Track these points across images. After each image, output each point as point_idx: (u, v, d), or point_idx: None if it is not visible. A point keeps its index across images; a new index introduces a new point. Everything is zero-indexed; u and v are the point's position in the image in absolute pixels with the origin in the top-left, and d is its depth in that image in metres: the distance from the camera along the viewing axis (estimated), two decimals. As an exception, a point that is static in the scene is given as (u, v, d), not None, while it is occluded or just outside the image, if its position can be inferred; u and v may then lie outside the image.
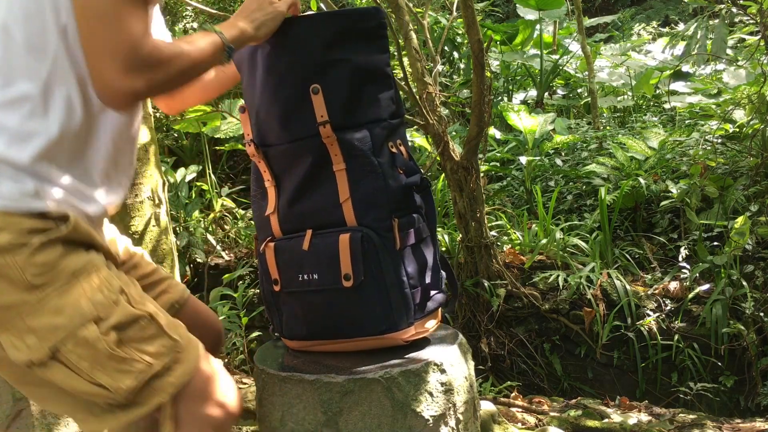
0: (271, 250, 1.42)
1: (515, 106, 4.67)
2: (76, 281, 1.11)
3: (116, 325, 1.12)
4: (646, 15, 10.57)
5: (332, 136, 1.35)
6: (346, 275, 1.34)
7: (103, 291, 1.13)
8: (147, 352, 1.14)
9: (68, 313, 1.10)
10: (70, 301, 1.10)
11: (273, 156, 1.43)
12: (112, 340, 1.11)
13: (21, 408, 1.74)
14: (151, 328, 1.16)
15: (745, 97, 3.88)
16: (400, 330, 1.37)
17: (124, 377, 1.12)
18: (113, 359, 1.11)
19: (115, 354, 1.11)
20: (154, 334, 1.16)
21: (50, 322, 1.09)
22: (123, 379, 1.12)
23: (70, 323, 1.09)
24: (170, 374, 1.16)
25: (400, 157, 1.41)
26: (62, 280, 1.11)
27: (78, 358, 1.10)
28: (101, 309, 1.12)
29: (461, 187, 3.13)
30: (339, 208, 1.37)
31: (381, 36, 1.41)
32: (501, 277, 3.20)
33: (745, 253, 3.08)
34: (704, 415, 2.56)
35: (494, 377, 3.17)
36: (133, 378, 1.12)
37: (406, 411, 1.30)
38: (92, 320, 1.11)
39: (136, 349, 1.13)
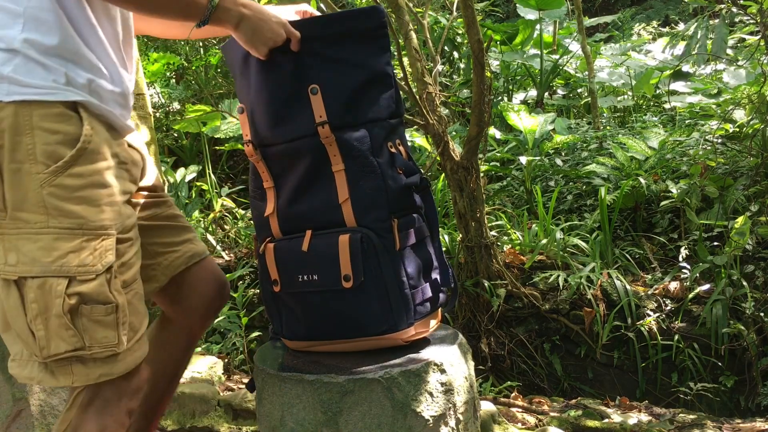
0: (271, 250, 1.42)
1: (515, 106, 4.67)
2: (79, 231, 1.13)
3: (83, 294, 1.13)
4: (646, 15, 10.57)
5: (331, 136, 1.35)
6: (346, 276, 1.34)
7: (93, 255, 1.14)
8: (90, 333, 1.14)
9: (54, 257, 1.11)
10: (63, 248, 1.12)
11: (271, 156, 1.43)
12: (69, 304, 1.12)
13: (21, 408, 1.74)
14: (109, 318, 1.15)
15: (745, 97, 3.88)
16: (400, 330, 1.37)
17: (58, 341, 1.12)
18: (59, 321, 1.12)
19: (63, 318, 1.12)
20: (108, 324, 1.15)
21: (35, 255, 1.11)
22: (55, 341, 1.12)
23: (49, 268, 1.11)
24: (93, 366, 1.16)
25: (400, 157, 1.41)
26: (69, 220, 1.13)
27: (34, 298, 1.12)
28: (80, 272, 1.13)
29: (461, 187, 3.12)
30: (338, 208, 1.36)
31: (381, 35, 1.41)
32: (501, 277, 3.20)
33: (745, 253, 3.08)
34: (704, 415, 2.56)
35: (494, 377, 3.17)
36: (64, 347, 1.13)
37: (406, 411, 1.30)
38: (67, 277, 1.12)
39: (83, 325, 1.13)
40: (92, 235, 1.14)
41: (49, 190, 1.12)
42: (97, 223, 1.15)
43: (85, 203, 1.14)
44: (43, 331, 1.12)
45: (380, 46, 1.41)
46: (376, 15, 1.40)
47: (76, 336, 1.13)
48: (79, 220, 1.13)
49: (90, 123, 1.17)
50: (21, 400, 1.73)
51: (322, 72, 1.37)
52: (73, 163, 1.13)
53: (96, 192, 1.16)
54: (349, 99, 1.37)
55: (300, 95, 1.37)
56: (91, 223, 1.15)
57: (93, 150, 1.16)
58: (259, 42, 1.33)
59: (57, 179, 1.12)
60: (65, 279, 1.12)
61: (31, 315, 1.12)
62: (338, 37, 1.38)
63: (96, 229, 1.15)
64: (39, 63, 1.13)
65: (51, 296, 1.11)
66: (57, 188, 1.12)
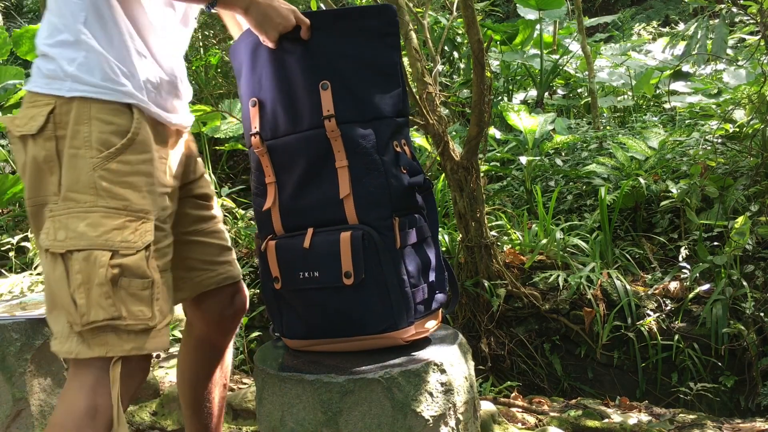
0: (272, 248, 1.42)
1: (515, 106, 4.67)
2: (123, 212, 1.25)
3: (123, 266, 1.23)
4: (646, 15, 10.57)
5: (336, 130, 1.35)
6: (347, 273, 1.34)
7: (135, 234, 1.25)
8: (127, 305, 1.23)
9: (100, 232, 1.23)
10: (108, 225, 1.23)
11: (276, 149, 1.43)
12: (112, 273, 1.21)
13: (21, 408, 1.74)
14: (145, 292, 1.25)
15: (745, 97, 3.88)
16: (400, 329, 1.37)
17: (97, 309, 1.21)
18: (100, 290, 1.21)
19: (104, 286, 1.21)
20: (143, 299, 1.25)
21: (83, 230, 1.22)
22: (95, 309, 1.21)
23: (95, 241, 1.22)
24: (126, 338, 1.24)
25: (404, 156, 1.41)
26: (115, 201, 1.25)
27: (79, 269, 1.22)
28: (123, 246, 1.23)
29: (461, 187, 3.12)
30: (340, 205, 1.37)
31: (392, 33, 1.41)
32: (501, 277, 3.20)
33: (745, 253, 3.08)
34: (704, 415, 2.56)
35: (494, 377, 3.17)
36: (102, 314, 1.21)
37: (406, 411, 1.30)
38: (111, 250, 1.22)
39: (121, 297, 1.23)
40: (134, 216, 1.26)
41: (100, 173, 1.24)
42: (139, 206, 1.27)
43: (130, 188, 1.27)
44: (85, 300, 1.21)
45: (391, 44, 1.41)
46: (387, 13, 1.40)
47: (114, 306, 1.22)
48: (125, 202, 1.26)
49: (139, 118, 1.30)
50: (21, 400, 1.73)
51: (332, 67, 1.37)
52: (123, 150, 1.27)
53: (140, 179, 1.28)
54: (357, 95, 1.37)
55: (310, 89, 1.37)
56: (134, 206, 1.26)
57: (140, 142, 1.29)
58: (269, 26, 1.36)
59: (108, 164, 1.25)
60: (109, 252, 1.22)
61: (75, 285, 1.21)
62: (349, 32, 1.38)
63: (138, 211, 1.27)
64: (95, 57, 1.27)
65: (95, 267, 1.21)
66: (107, 172, 1.25)
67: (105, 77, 1.27)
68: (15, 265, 4.19)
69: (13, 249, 4.29)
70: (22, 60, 6.28)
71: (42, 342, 1.77)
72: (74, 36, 1.27)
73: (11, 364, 1.73)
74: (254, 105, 1.45)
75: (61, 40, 1.27)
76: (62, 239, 1.23)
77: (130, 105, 1.29)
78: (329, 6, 3.22)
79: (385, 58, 1.40)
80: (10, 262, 4.22)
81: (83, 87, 1.26)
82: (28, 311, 1.82)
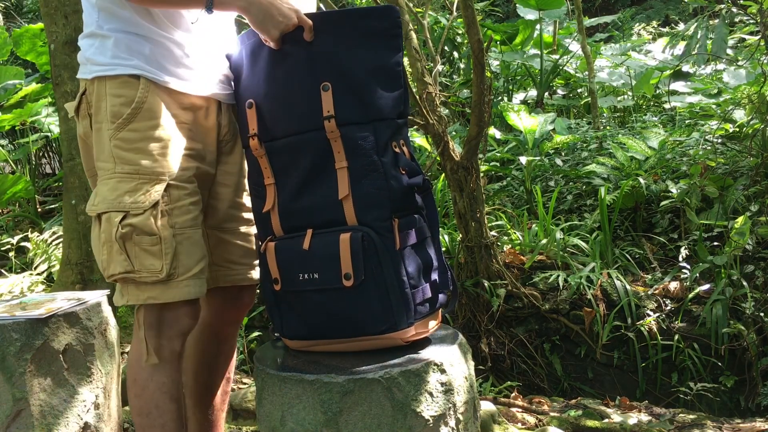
0: (272, 249, 1.42)
1: (515, 106, 4.67)
2: (136, 176, 1.38)
3: (132, 225, 1.36)
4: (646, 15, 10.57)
5: (336, 131, 1.35)
6: (347, 274, 1.34)
7: (145, 195, 1.37)
8: (140, 260, 1.37)
9: (115, 195, 1.37)
10: (122, 189, 1.38)
11: (275, 151, 1.43)
12: (122, 232, 1.36)
13: (21, 408, 1.74)
14: (155, 248, 1.37)
15: (745, 97, 3.88)
16: (400, 330, 1.37)
17: (115, 264, 1.38)
18: (115, 246, 1.37)
19: (117, 242, 1.36)
20: (153, 253, 1.37)
21: (105, 194, 1.39)
22: (113, 264, 1.39)
23: (111, 204, 1.37)
24: (144, 288, 1.39)
25: (403, 157, 1.41)
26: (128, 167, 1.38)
27: (102, 229, 1.39)
28: (133, 207, 1.36)
29: (461, 187, 3.12)
30: (340, 206, 1.36)
31: (394, 35, 1.41)
32: (501, 277, 3.20)
33: (745, 253, 3.08)
34: (704, 415, 2.56)
35: (494, 377, 3.17)
36: (118, 269, 1.38)
37: (406, 411, 1.30)
38: (123, 211, 1.36)
39: (135, 252, 1.37)
40: (146, 179, 1.38)
41: (114, 143, 1.39)
42: (149, 170, 1.38)
43: (141, 153, 1.38)
44: (106, 255, 1.39)
45: (393, 46, 1.41)
46: (390, 14, 1.40)
47: (127, 261, 1.37)
48: (135, 167, 1.38)
49: (146, 87, 1.40)
50: (21, 400, 1.73)
51: (333, 68, 1.37)
52: (131, 119, 1.38)
53: (150, 145, 1.39)
54: (358, 96, 1.37)
55: (311, 90, 1.37)
56: (144, 169, 1.38)
57: (148, 109, 1.40)
58: (270, 24, 1.37)
59: (120, 133, 1.38)
60: (121, 213, 1.36)
61: (101, 243, 1.40)
62: (352, 34, 1.38)
63: (148, 174, 1.38)
64: (107, 41, 1.40)
65: (111, 226, 1.37)
66: (120, 141, 1.39)
67: (114, 55, 1.39)
68: (15, 265, 4.19)
69: (13, 249, 4.29)
70: (22, 60, 6.28)
71: (42, 342, 1.77)
72: (92, 28, 1.43)
73: (11, 364, 1.72)
74: (251, 107, 1.45)
75: (86, 33, 1.45)
76: (95, 204, 1.40)
77: (138, 76, 1.40)
78: (329, 6, 3.22)
79: (388, 59, 1.40)
80: (10, 262, 4.22)
81: (97, 67, 1.41)
82: (28, 311, 1.82)
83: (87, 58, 1.43)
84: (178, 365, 1.46)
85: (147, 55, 1.41)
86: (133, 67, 1.40)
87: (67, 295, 2.03)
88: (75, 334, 1.85)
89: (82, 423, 1.84)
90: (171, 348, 1.43)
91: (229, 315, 1.70)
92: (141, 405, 1.43)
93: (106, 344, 1.96)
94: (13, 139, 6.04)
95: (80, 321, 1.87)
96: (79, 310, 1.87)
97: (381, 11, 1.40)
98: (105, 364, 1.94)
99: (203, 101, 1.51)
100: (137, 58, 1.40)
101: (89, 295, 2.02)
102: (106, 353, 1.96)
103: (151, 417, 1.42)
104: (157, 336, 1.42)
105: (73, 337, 1.84)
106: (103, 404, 1.93)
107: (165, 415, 1.42)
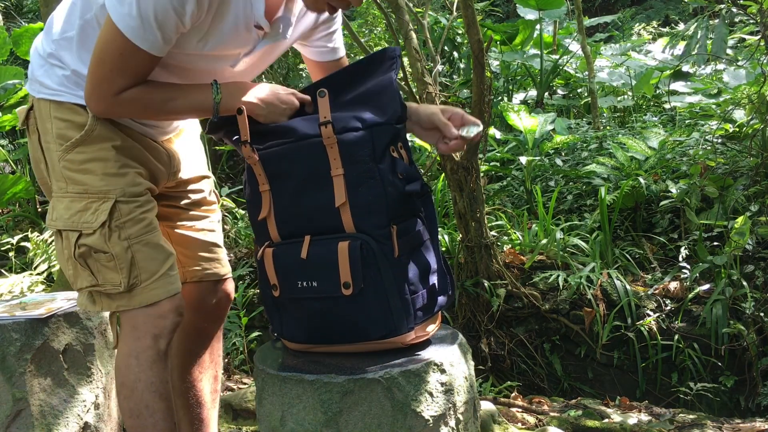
0: (269, 256, 1.41)
1: (515, 106, 4.67)
2: (85, 195, 1.42)
3: (88, 245, 1.42)
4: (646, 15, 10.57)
5: (333, 137, 1.34)
6: (346, 283, 1.33)
7: (93, 215, 1.42)
8: (102, 274, 1.43)
9: (69, 215, 1.43)
10: (75, 208, 1.43)
11: (269, 158, 1.42)
12: (80, 251, 1.42)
13: (21, 408, 1.74)
14: (111, 264, 1.42)
15: (745, 97, 3.88)
16: (401, 335, 1.37)
17: (81, 278, 1.45)
18: (77, 264, 1.44)
19: (77, 262, 1.43)
20: (111, 268, 1.42)
21: (61, 212, 1.44)
22: (80, 278, 1.45)
23: (67, 223, 1.43)
24: (115, 298, 1.44)
25: (401, 162, 1.39)
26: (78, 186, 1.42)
27: (63, 246, 1.45)
28: (84, 227, 1.42)
29: (461, 187, 3.12)
30: (337, 213, 1.35)
31: (392, 66, 1.45)
32: (501, 277, 3.20)
33: (745, 253, 3.08)
34: (704, 415, 2.56)
35: (494, 377, 3.17)
36: (85, 283, 1.45)
37: (406, 411, 1.30)
38: (77, 231, 1.42)
39: (97, 268, 1.43)
40: (94, 198, 1.42)
41: (63, 164, 1.43)
42: (97, 189, 1.42)
43: (89, 173, 1.42)
44: (72, 270, 1.46)
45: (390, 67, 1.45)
46: (387, 54, 1.46)
47: (91, 276, 1.43)
48: (84, 186, 1.42)
49: (94, 116, 1.42)
50: (21, 400, 1.73)
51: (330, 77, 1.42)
52: (78, 143, 1.42)
53: (96, 165, 1.43)
54: (355, 102, 1.37)
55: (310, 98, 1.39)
56: (93, 188, 1.42)
57: (98, 136, 1.43)
58: (276, 115, 1.45)
59: (68, 155, 1.43)
60: (77, 232, 1.42)
61: (64, 258, 1.46)
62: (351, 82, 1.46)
63: (96, 193, 1.42)
64: (57, 68, 1.43)
65: (70, 245, 1.43)
66: (68, 162, 1.43)
67: (61, 83, 1.43)
68: (15, 265, 4.19)
69: (13, 249, 4.29)
70: (22, 60, 6.28)
71: (42, 342, 1.77)
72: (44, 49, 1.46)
73: (11, 364, 1.72)
74: (240, 113, 1.42)
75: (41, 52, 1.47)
76: (54, 219, 1.46)
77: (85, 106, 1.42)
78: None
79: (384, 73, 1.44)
80: (10, 262, 4.22)
81: (45, 90, 1.44)
82: (28, 311, 1.82)
83: (35, 77, 1.46)
84: (166, 364, 1.47)
85: None
86: (80, 98, 1.41)
87: (67, 295, 2.03)
88: (75, 334, 1.85)
89: (82, 423, 1.84)
90: (157, 347, 1.44)
91: (209, 311, 1.73)
92: (131, 407, 1.44)
93: (106, 344, 1.96)
94: (13, 139, 6.04)
95: (80, 321, 1.87)
96: (79, 310, 1.87)
97: (383, 52, 1.46)
98: (105, 364, 1.94)
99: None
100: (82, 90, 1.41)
101: (89, 295, 2.01)
102: (106, 353, 1.96)
103: (141, 417, 1.44)
104: (139, 337, 1.44)
105: (73, 337, 1.84)
106: (103, 404, 1.93)
107: (156, 414, 1.43)
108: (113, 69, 1.33)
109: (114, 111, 1.41)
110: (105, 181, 1.42)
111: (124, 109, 1.40)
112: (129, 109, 1.41)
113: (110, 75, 1.34)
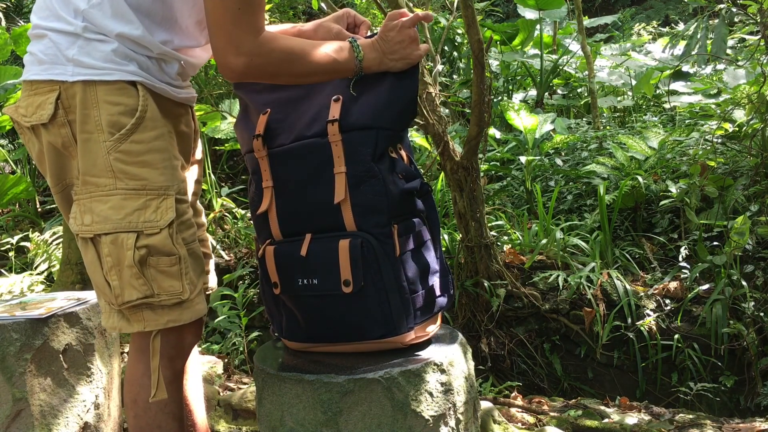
0: (270, 253, 1.41)
1: (515, 105, 4.67)
2: (143, 191, 1.27)
3: (149, 246, 1.26)
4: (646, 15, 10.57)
5: (338, 135, 1.35)
6: (346, 281, 1.33)
7: (157, 213, 1.27)
8: (158, 282, 1.28)
9: (123, 215, 1.25)
10: (130, 207, 1.26)
11: (276, 155, 1.43)
12: (139, 255, 1.25)
13: (21, 408, 1.74)
14: (174, 268, 1.29)
15: (745, 97, 3.88)
16: (401, 335, 1.37)
17: (130, 290, 1.27)
18: (130, 271, 1.26)
19: (134, 268, 1.25)
20: (173, 274, 1.29)
21: (107, 214, 1.25)
22: (128, 290, 1.27)
23: (120, 224, 1.25)
24: (161, 312, 1.30)
25: (401, 161, 1.40)
26: (134, 182, 1.26)
27: (108, 252, 1.26)
28: (147, 227, 1.26)
29: (461, 187, 3.12)
30: (338, 211, 1.36)
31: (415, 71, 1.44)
32: (501, 277, 3.20)
33: (745, 253, 3.08)
34: (704, 415, 2.56)
35: (494, 377, 3.17)
36: (135, 294, 1.27)
37: (406, 411, 1.30)
38: (135, 231, 1.25)
39: (151, 275, 1.27)
40: (155, 194, 1.28)
41: (114, 156, 1.25)
42: (158, 184, 1.28)
43: (147, 166, 1.27)
44: (117, 281, 1.27)
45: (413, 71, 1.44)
46: None
47: (146, 285, 1.27)
48: (143, 181, 1.27)
49: (145, 95, 1.29)
50: (21, 400, 1.73)
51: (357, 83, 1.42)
52: (134, 130, 1.26)
53: (155, 156, 1.29)
54: (366, 104, 1.38)
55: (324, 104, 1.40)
56: (152, 184, 1.28)
57: (150, 118, 1.29)
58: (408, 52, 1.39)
59: (122, 146, 1.26)
60: (134, 233, 1.25)
61: (107, 267, 1.27)
62: None
63: (158, 188, 1.28)
64: (97, 43, 1.26)
65: (123, 249, 1.25)
66: (122, 154, 1.26)
67: (105, 58, 1.25)
68: (15, 265, 4.19)
69: (13, 249, 4.29)
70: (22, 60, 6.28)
71: (42, 342, 1.77)
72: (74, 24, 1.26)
73: (11, 364, 1.72)
74: (264, 113, 1.45)
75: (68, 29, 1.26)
76: (89, 223, 1.26)
77: (134, 82, 1.28)
78: (330, 6, 3.22)
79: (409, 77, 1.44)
80: (10, 262, 4.22)
81: (86, 70, 1.25)
82: (28, 311, 1.82)
83: (66, 57, 1.25)
84: (181, 384, 1.42)
85: (140, 57, 1.30)
86: (130, 73, 1.28)
87: (67, 295, 2.03)
88: (75, 334, 1.85)
89: (82, 423, 1.84)
90: (173, 367, 1.38)
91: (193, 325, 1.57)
92: (142, 426, 1.38)
93: (106, 344, 1.96)
94: (13, 139, 6.04)
95: (80, 321, 1.87)
96: (79, 310, 1.87)
97: None
98: (105, 364, 1.94)
99: (183, 108, 1.45)
100: (131, 62, 1.28)
101: (89, 295, 2.02)
102: (106, 353, 1.96)
103: None
104: (170, 366, 1.36)
105: (73, 337, 1.84)
106: (103, 404, 1.93)
107: None
108: (242, 4, 1.19)
109: (255, 64, 1.24)
110: (165, 175, 1.29)
111: (266, 59, 1.25)
112: (270, 59, 1.25)
113: (240, 14, 1.19)
